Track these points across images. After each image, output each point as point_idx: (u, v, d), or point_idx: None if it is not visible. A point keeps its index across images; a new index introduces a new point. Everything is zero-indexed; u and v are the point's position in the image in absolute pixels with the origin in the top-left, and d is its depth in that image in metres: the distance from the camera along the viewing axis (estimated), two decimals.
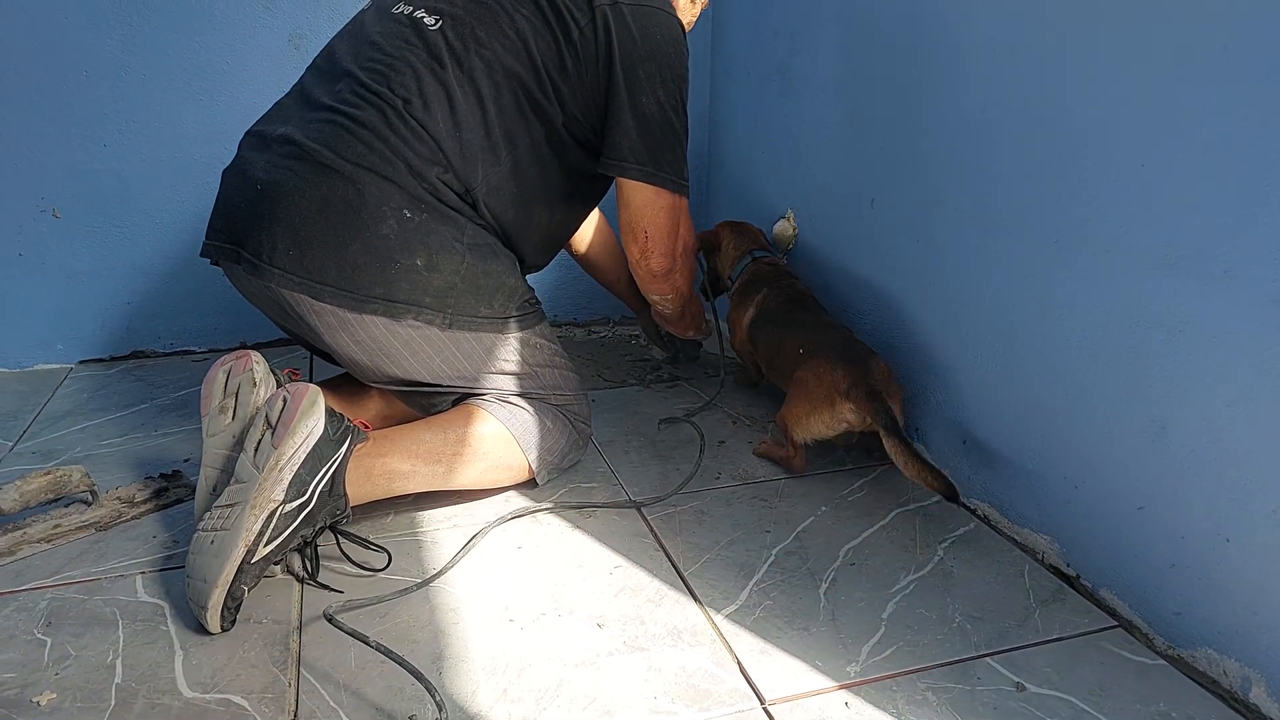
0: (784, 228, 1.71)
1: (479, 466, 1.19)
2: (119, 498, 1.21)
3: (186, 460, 1.36)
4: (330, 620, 0.94)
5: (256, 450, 1.01)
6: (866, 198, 1.45)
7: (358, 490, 1.10)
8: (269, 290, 1.13)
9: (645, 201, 1.25)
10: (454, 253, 1.13)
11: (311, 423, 1.03)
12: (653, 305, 1.51)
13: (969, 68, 1.18)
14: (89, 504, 1.18)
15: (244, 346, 1.87)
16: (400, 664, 0.88)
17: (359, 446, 1.09)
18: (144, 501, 1.21)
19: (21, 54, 1.59)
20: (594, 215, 1.64)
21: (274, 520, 0.98)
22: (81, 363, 1.79)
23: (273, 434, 1.02)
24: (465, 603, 1.03)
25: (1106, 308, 1.00)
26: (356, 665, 0.91)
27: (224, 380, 1.14)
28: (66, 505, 1.19)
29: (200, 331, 1.86)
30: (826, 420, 1.25)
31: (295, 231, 1.09)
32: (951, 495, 1.12)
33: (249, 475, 0.99)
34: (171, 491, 1.24)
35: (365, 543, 1.09)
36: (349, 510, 1.08)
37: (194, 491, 1.18)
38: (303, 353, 1.85)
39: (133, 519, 1.19)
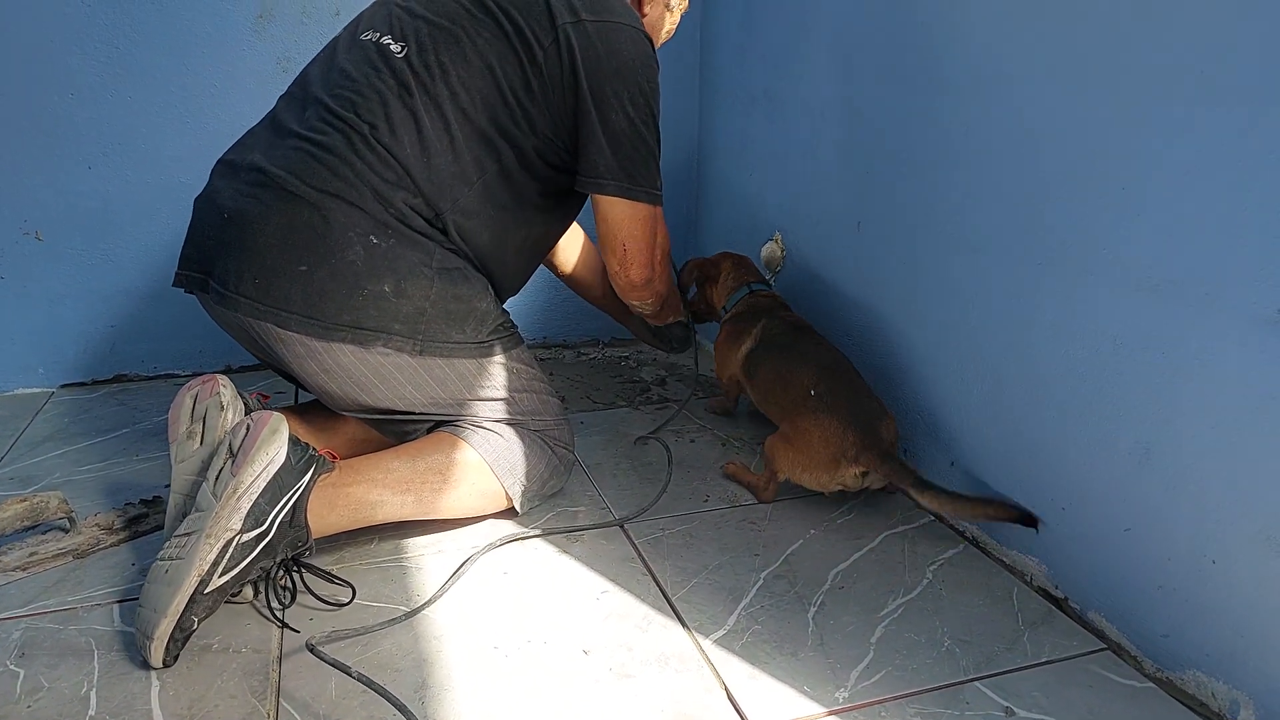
0: (772, 250, 1.71)
1: (452, 495, 1.16)
2: (97, 524, 1.19)
3: (167, 485, 1.33)
4: (312, 650, 0.92)
5: (217, 479, 0.99)
6: (853, 221, 1.45)
7: (322, 521, 1.07)
8: (237, 319, 1.12)
9: (622, 215, 1.25)
10: (423, 278, 1.11)
11: (272, 451, 1.01)
12: (632, 308, 1.50)
13: (952, 94, 1.19)
14: (66, 531, 1.17)
15: (228, 370, 1.86)
16: (381, 694, 0.86)
17: (324, 476, 1.07)
18: (123, 528, 1.19)
19: (6, 76, 1.59)
20: (577, 233, 1.64)
21: (230, 550, 0.95)
22: (63, 386, 1.77)
23: (233, 462, 1.00)
24: (450, 630, 1.01)
25: (1090, 330, 1.01)
26: (337, 695, 0.90)
27: (191, 405, 1.13)
28: (43, 532, 1.17)
29: (184, 355, 1.84)
30: (824, 480, 1.23)
31: (261, 259, 1.07)
32: (1028, 520, 1.09)
33: (207, 504, 0.97)
34: (151, 518, 1.22)
35: (329, 576, 1.07)
36: (311, 542, 1.06)
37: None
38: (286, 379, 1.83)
39: (111, 546, 1.17)
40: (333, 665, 0.90)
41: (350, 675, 0.88)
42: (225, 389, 1.13)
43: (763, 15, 1.70)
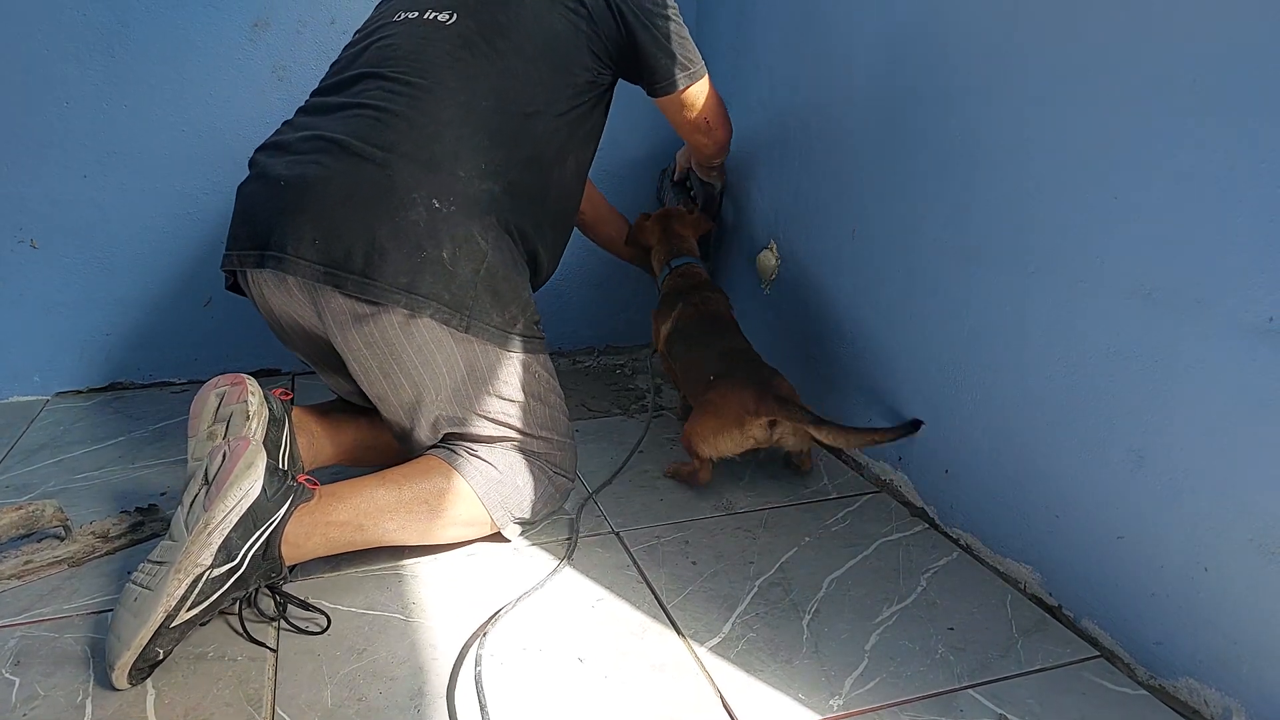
0: (766, 258, 1.72)
1: (438, 524, 1.14)
2: (93, 532, 1.19)
3: (163, 493, 1.34)
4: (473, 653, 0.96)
5: (190, 508, 0.97)
6: (848, 228, 1.46)
7: (298, 549, 1.04)
8: (290, 294, 1.11)
9: (694, 98, 1.41)
10: (478, 250, 1.12)
11: (247, 485, 0.99)
12: (708, 168, 1.75)
13: (947, 103, 1.20)
14: (62, 539, 1.16)
15: None
16: None
17: (302, 505, 1.05)
18: (119, 536, 1.19)
19: (1, 84, 1.59)
20: (596, 194, 1.75)
21: (199, 584, 0.94)
22: (58, 394, 1.77)
23: (206, 493, 0.98)
24: (445, 637, 1.01)
25: (1082, 338, 1.01)
26: (333, 704, 0.90)
27: (216, 405, 1.11)
28: (39, 540, 1.16)
29: (180, 363, 1.84)
30: (735, 439, 1.31)
31: (321, 220, 1.07)
32: (913, 428, 1.27)
33: (180, 534, 0.95)
34: (147, 526, 1.22)
35: (304, 605, 1.05)
36: (286, 572, 1.05)
37: (170, 525, 1.15)
38: (285, 383, 1.84)
39: (107, 554, 1.17)
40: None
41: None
42: (254, 395, 1.12)
43: (758, 24, 1.71)
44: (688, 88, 1.38)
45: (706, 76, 1.41)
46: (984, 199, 1.15)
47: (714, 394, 1.34)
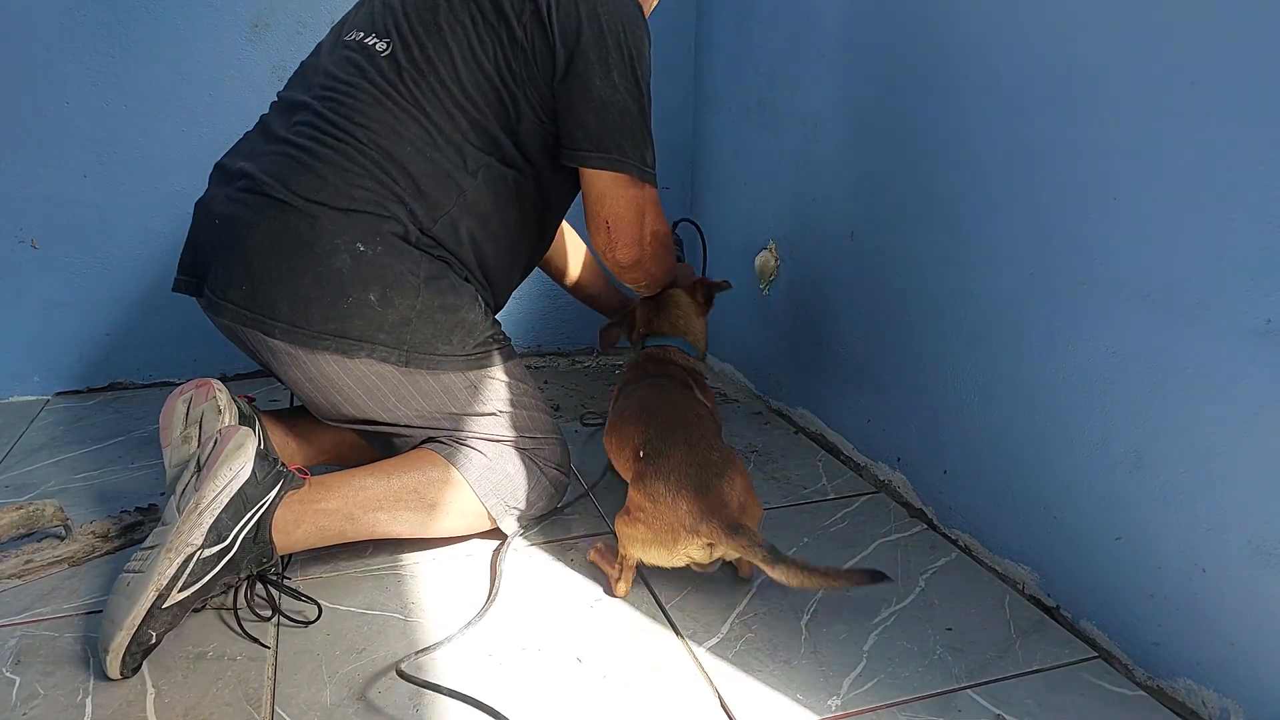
0: (765, 259, 1.72)
1: (429, 515, 1.13)
2: (93, 532, 1.19)
3: (163, 493, 1.34)
4: (401, 675, 0.91)
5: (182, 493, 0.98)
6: (846, 230, 1.46)
7: (288, 537, 1.05)
8: (229, 325, 1.12)
9: (604, 189, 1.17)
10: (409, 287, 1.09)
11: (236, 466, 1.00)
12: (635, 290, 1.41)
13: (945, 105, 1.20)
14: (62, 539, 1.17)
15: (223, 378, 1.86)
16: (478, 706, 0.88)
17: (292, 492, 1.05)
18: (118, 536, 1.19)
19: (1, 84, 1.59)
20: (579, 244, 1.62)
21: (190, 565, 0.94)
22: (58, 395, 1.77)
23: (197, 477, 0.99)
24: (444, 637, 1.01)
25: (1081, 339, 1.01)
26: (332, 704, 0.90)
27: (184, 410, 1.12)
28: (39, 540, 1.17)
29: (179, 363, 1.84)
30: (664, 556, 1.04)
31: (248, 266, 1.07)
32: (877, 578, 0.98)
33: (171, 517, 0.96)
34: (146, 526, 1.22)
35: (296, 594, 1.06)
36: (278, 558, 1.05)
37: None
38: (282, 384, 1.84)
39: (107, 554, 1.17)
40: (425, 686, 0.91)
41: (443, 693, 0.90)
42: (221, 393, 1.13)
43: (758, 26, 1.71)
44: (596, 170, 1.16)
45: (634, 178, 1.16)
46: (983, 200, 1.15)
47: (644, 488, 1.04)
